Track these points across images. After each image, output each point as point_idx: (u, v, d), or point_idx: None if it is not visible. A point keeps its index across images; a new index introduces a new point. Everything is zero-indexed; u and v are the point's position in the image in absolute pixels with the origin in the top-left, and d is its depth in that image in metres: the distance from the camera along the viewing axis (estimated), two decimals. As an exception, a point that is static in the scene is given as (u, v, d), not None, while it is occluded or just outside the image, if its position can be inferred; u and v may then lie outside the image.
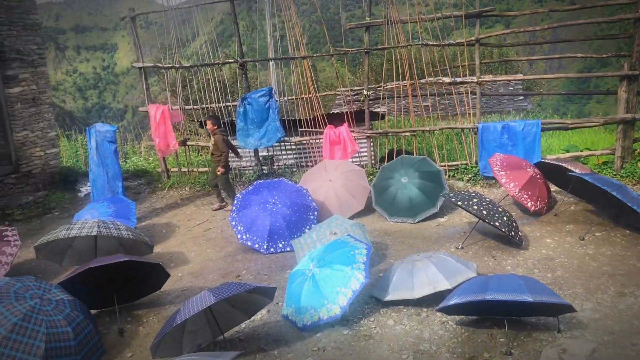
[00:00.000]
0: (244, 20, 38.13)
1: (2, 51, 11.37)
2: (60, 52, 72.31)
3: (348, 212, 9.20)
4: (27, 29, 11.91)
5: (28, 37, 11.92)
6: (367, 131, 11.50)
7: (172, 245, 9.28)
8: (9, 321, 5.34)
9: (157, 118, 11.71)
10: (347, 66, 12.38)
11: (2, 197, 11.23)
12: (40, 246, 7.60)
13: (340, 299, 5.96)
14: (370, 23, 11.07)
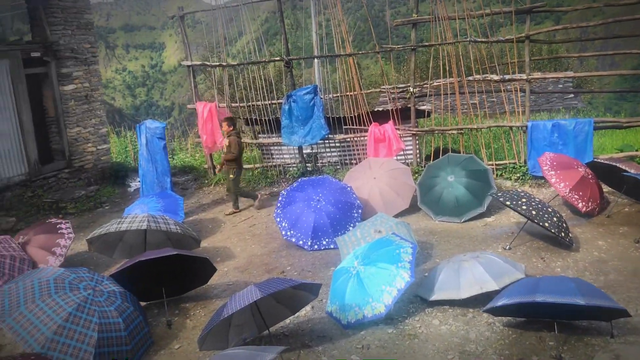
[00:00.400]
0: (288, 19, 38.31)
1: (58, 50, 11.78)
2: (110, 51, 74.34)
3: (392, 210, 9.14)
4: (81, 28, 12.30)
5: (82, 36, 12.31)
6: (413, 129, 11.39)
7: (218, 240, 9.43)
8: (64, 310, 5.53)
9: (204, 115, 11.92)
10: (392, 63, 12.27)
11: (56, 191, 11.65)
12: (92, 239, 7.85)
13: (385, 298, 5.93)
14: (418, 20, 10.96)
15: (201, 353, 5.90)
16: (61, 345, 5.36)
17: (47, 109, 12.02)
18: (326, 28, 12.01)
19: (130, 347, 5.74)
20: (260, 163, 12.84)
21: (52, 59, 11.70)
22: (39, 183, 11.39)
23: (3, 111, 10.71)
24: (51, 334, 5.35)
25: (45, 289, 5.67)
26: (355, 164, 11.40)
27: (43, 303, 5.53)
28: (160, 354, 6.03)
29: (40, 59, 11.56)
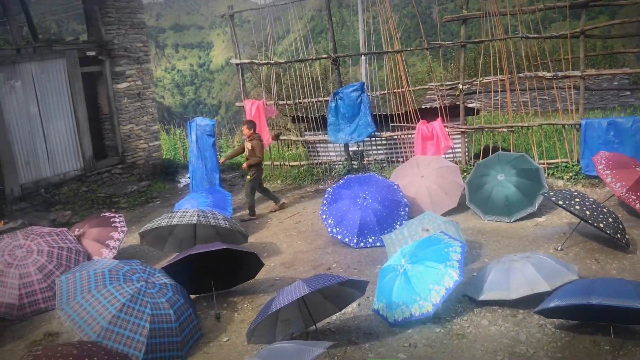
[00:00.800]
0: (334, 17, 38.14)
1: (112, 49, 12.14)
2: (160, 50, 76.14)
3: (440, 209, 9.03)
4: (134, 27, 12.64)
5: (135, 36, 12.65)
6: (462, 126, 11.22)
7: (264, 236, 9.53)
8: (118, 301, 5.71)
9: (252, 113, 12.06)
10: (440, 60, 12.12)
11: (109, 186, 12.02)
12: (144, 232, 8.06)
13: (433, 297, 5.87)
14: (468, 16, 10.78)
15: (249, 346, 5.98)
16: (115, 334, 5.54)
17: (102, 107, 12.41)
18: (372, 25, 11.96)
19: (181, 339, 5.88)
20: (306, 160, 12.91)
21: (106, 57, 12.08)
22: (94, 178, 11.78)
23: (61, 108, 11.12)
24: (106, 324, 5.53)
25: (101, 280, 5.87)
26: (402, 162, 11.31)
27: (98, 293, 5.72)
28: (209, 346, 6.14)
29: (95, 57, 11.96)
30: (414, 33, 54.87)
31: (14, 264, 7.22)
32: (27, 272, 7.18)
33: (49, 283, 7.21)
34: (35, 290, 7.15)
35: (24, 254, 7.38)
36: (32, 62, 10.58)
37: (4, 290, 7.05)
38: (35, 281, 7.18)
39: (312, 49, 12.57)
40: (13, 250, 7.42)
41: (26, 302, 7.08)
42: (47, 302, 7.14)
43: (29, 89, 10.50)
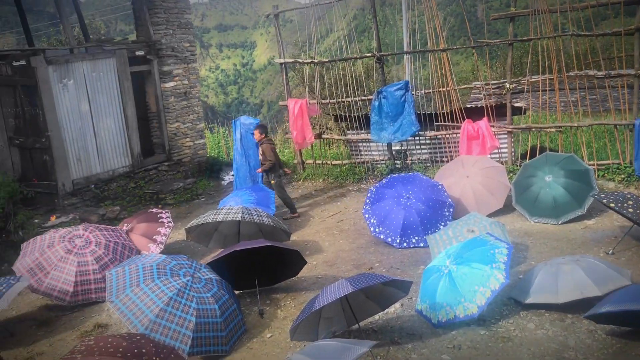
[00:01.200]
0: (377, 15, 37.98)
1: (160, 49, 12.41)
2: (204, 50, 77.36)
3: (486, 210, 8.87)
4: (181, 27, 12.89)
5: (182, 36, 12.90)
6: (509, 126, 11.01)
7: (307, 234, 9.58)
8: (165, 295, 5.84)
9: (295, 112, 12.13)
10: (487, 58, 11.91)
11: (156, 183, 12.30)
12: (190, 228, 8.22)
13: (478, 298, 5.79)
14: (516, 13, 10.57)
15: (292, 343, 6.02)
16: (162, 327, 5.67)
17: (149, 105, 12.71)
18: (416, 24, 11.86)
19: (225, 334, 5.97)
20: (348, 159, 12.90)
21: (154, 57, 12.35)
22: (141, 175, 12.08)
23: (110, 107, 11.44)
24: (154, 317, 5.67)
25: (149, 274, 6.01)
26: (447, 161, 11.19)
27: (147, 287, 5.87)
28: (253, 342, 6.22)
29: (144, 57, 12.25)
30: (458, 31, 54.04)
31: (74, 252, 7.48)
32: (85, 261, 7.43)
33: (103, 275, 7.44)
34: (89, 280, 7.40)
35: (83, 244, 7.65)
36: (84, 61, 10.92)
37: (60, 275, 7.30)
38: (91, 271, 7.42)
39: (355, 47, 12.55)
40: (73, 238, 7.70)
41: (80, 289, 7.31)
42: (99, 293, 7.37)
43: (80, 88, 10.84)
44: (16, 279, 6.89)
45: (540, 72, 10.71)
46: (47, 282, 7.23)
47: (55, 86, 10.33)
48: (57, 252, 7.44)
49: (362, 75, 15.04)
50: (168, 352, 4.84)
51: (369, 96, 12.10)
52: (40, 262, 7.35)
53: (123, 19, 59.14)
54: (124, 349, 4.58)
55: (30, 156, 10.27)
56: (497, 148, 10.77)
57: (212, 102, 62.67)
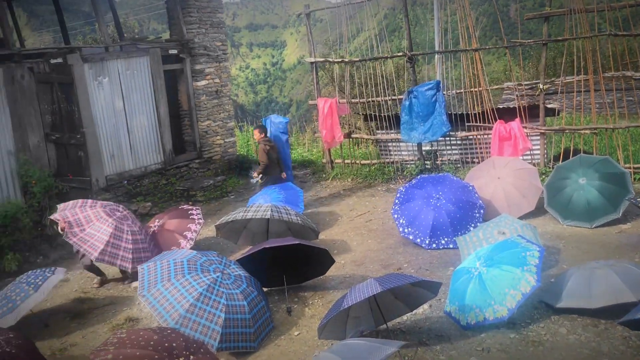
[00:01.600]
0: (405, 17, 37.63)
1: (192, 47, 12.56)
2: (235, 49, 77.96)
3: (517, 212, 8.75)
4: (214, 27, 13.02)
5: (214, 35, 13.03)
6: (541, 127, 10.83)
7: (335, 233, 9.58)
8: (195, 290, 5.92)
9: (324, 111, 12.15)
10: (520, 59, 11.73)
11: (187, 180, 12.45)
12: (220, 225, 8.31)
13: (509, 301, 5.72)
14: (551, 13, 10.39)
15: (319, 341, 6.04)
16: (192, 322, 5.75)
17: (181, 103, 12.86)
18: (447, 23, 11.76)
19: (253, 330, 6.02)
20: (377, 159, 12.86)
21: (187, 56, 12.50)
22: (173, 172, 12.24)
23: (144, 104, 11.62)
24: (184, 312, 5.75)
25: (180, 269, 6.10)
26: (478, 162, 11.07)
27: (177, 282, 5.95)
28: (281, 339, 6.25)
29: (176, 56, 12.40)
30: (490, 31, 53.34)
31: (113, 217, 7.79)
32: (121, 229, 7.75)
33: (132, 248, 7.72)
34: (120, 246, 7.66)
35: (121, 216, 7.98)
36: (118, 59, 11.12)
37: (95, 233, 7.59)
38: (124, 239, 7.73)
39: (386, 47, 12.50)
40: (114, 210, 8.02)
41: (108, 250, 7.56)
42: (123, 261, 7.66)
43: (115, 85, 11.04)
44: (52, 271, 7.07)
45: (575, 73, 10.51)
46: (81, 235, 7.51)
47: (91, 84, 10.54)
48: (98, 212, 7.79)
49: (392, 75, 14.99)
50: (198, 346, 4.90)
51: (399, 96, 12.04)
52: (79, 218, 7.67)
53: (156, 18, 60.00)
54: (155, 342, 4.66)
55: (65, 152, 10.50)
56: (529, 149, 10.61)
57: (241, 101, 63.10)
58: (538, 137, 11.02)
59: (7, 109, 9.48)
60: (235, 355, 5.97)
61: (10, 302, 6.59)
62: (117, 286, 8.17)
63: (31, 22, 55.95)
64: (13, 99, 9.55)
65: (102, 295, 7.89)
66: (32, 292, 6.62)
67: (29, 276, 6.96)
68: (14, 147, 9.58)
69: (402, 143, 12.38)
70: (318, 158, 14.78)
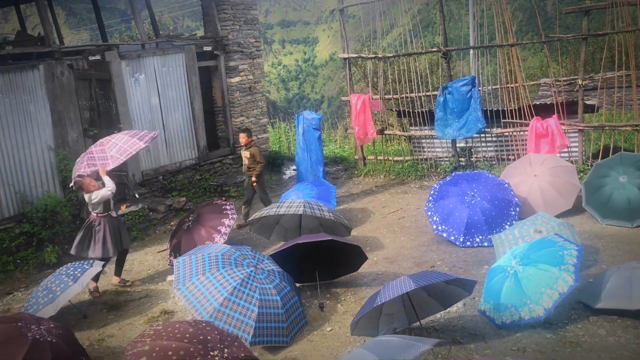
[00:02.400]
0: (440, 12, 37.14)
1: (226, 44, 12.67)
2: (267, 46, 78.33)
3: (554, 210, 8.57)
4: (248, 23, 13.11)
5: (248, 31, 13.11)
6: (580, 124, 10.58)
7: (367, 230, 9.55)
8: (229, 284, 5.98)
9: (357, 107, 12.10)
10: (558, 54, 11.48)
11: (220, 175, 12.58)
12: (253, 220, 8.36)
13: (545, 301, 5.61)
14: (591, 6, 10.15)
15: (352, 338, 6.04)
16: (226, 316, 5.81)
17: (215, 100, 12.99)
18: (482, 19, 11.58)
19: (286, 325, 6.05)
20: (410, 156, 12.77)
21: (221, 52, 12.62)
22: (207, 167, 12.38)
23: (179, 101, 11.78)
24: (218, 305, 5.81)
25: (214, 263, 6.17)
26: (513, 159, 10.88)
27: (212, 276, 6.02)
28: (313, 335, 6.27)
29: (211, 52, 12.53)
30: (526, 26, 52.34)
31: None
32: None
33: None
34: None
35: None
36: (154, 56, 11.28)
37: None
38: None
39: (421, 42, 12.38)
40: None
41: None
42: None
43: (151, 82, 11.22)
44: (90, 264, 7.22)
45: (615, 68, 10.22)
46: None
47: (128, 80, 10.73)
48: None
49: (425, 71, 14.85)
50: (232, 340, 4.95)
51: (433, 92, 11.92)
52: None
53: (190, 16, 60.73)
54: (191, 335, 4.72)
55: (103, 147, 10.72)
56: (566, 147, 10.38)
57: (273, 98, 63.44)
58: (576, 134, 10.77)
59: (47, 105, 9.72)
60: (268, 349, 6.01)
61: (51, 292, 6.77)
62: (153, 280, 8.31)
63: (69, 21, 57.32)
64: (53, 95, 9.79)
65: (138, 289, 8.04)
66: (72, 283, 6.78)
67: (68, 268, 7.13)
68: (53, 143, 9.82)
69: (436, 140, 12.25)
70: (350, 155, 14.75)
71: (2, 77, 9.09)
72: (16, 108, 9.28)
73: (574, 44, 20.46)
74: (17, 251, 9.00)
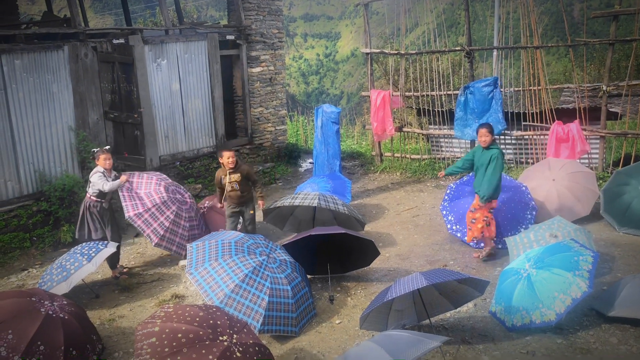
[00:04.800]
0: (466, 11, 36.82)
1: (249, 34, 12.68)
2: (289, 39, 78.28)
3: (571, 216, 8.47)
4: (272, 14, 13.10)
5: (271, 22, 13.11)
6: (602, 130, 10.44)
7: (380, 226, 9.53)
8: (241, 271, 6.01)
9: (377, 103, 12.05)
10: (584, 59, 11.31)
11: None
12: (267, 210, 8.39)
13: (557, 305, 5.56)
14: (620, 12, 9.96)
15: (360, 331, 6.04)
16: (236, 303, 5.84)
17: (236, 89, 13.02)
18: (507, 21, 11.46)
19: (296, 315, 6.07)
20: (427, 154, 12.70)
21: (243, 42, 12.63)
22: (223, 156, 12.42)
23: (199, 88, 11.82)
24: (229, 292, 5.84)
25: (227, 250, 6.19)
26: (532, 163, 10.78)
27: (224, 262, 6.05)
28: (322, 326, 6.28)
29: (233, 41, 12.55)
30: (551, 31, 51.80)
31: (176, 203, 7.99)
32: (180, 215, 7.86)
33: (188, 234, 8.00)
34: (177, 233, 7.90)
35: (181, 199, 8.19)
36: (177, 42, 11.33)
37: (159, 216, 7.76)
38: (182, 226, 7.88)
39: (444, 41, 12.28)
40: (175, 191, 8.22)
41: (167, 237, 7.79)
42: (179, 248, 7.92)
43: (173, 68, 11.27)
44: (104, 245, 7.29)
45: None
46: (145, 217, 7.67)
47: (150, 65, 10.79)
48: (162, 196, 7.90)
49: (447, 71, 14.75)
50: (241, 326, 4.98)
51: (454, 91, 11.83)
52: (146, 203, 7.78)
53: (214, 5, 60.85)
54: (201, 318, 4.76)
55: (122, 130, 10.79)
56: (587, 152, 10.25)
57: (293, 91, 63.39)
58: (597, 141, 10.64)
59: (70, 85, 9.81)
60: (277, 338, 6.03)
61: (65, 270, 6.85)
62: (165, 264, 8.36)
63: (95, 5, 57.80)
64: (76, 76, 9.88)
65: (151, 272, 8.11)
66: (86, 262, 6.86)
67: (83, 247, 7.21)
68: (74, 123, 9.92)
69: (454, 139, 12.18)
70: (367, 150, 14.71)
71: (27, 56, 9.19)
72: (39, 87, 9.38)
73: (599, 50, 20.18)
74: (34, 229, 9.12)
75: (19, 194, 9.22)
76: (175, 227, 7.87)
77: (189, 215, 8.04)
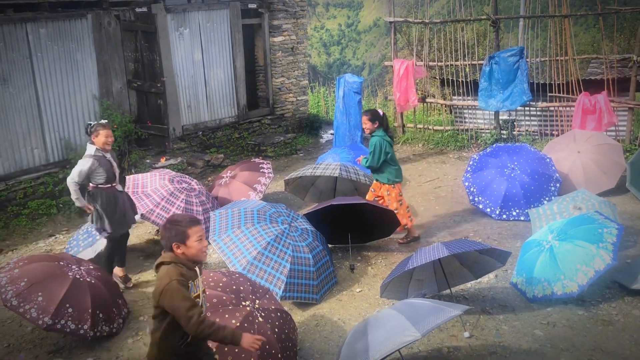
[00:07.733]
0: (493, -21, 36.02)
1: (271, 2, 12.56)
2: (311, 9, 77.37)
3: (595, 188, 8.34)
4: (294, -18, 12.96)
5: (293, -10, 12.97)
6: (631, 102, 10.21)
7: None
8: (263, 239, 6.07)
9: (400, 73, 11.91)
10: (615, 28, 11.01)
11: (258, 135, 12.66)
12: (289, 180, 8.43)
13: (580, 277, 5.53)
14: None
15: (381, 300, 6.09)
16: (258, 270, 5.92)
17: (257, 59, 12.97)
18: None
19: (317, 283, 6.14)
20: (451, 126, 12.57)
21: (265, 11, 12.53)
22: (245, 126, 12.46)
23: (221, 58, 11.80)
24: (251, 259, 5.92)
25: (250, 217, 6.26)
26: (557, 135, 10.61)
27: (247, 230, 6.12)
28: (342, 294, 6.35)
29: (255, 10, 12.45)
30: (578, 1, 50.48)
31: (184, 192, 7.88)
32: (190, 202, 7.82)
33: (203, 219, 7.82)
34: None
35: (188, 187, 8.01)
36: (200, 11, 11.28)
37: (170, 208, 7.54)
38: (195, 212, 7.81)
39: (469, 11, 12.04)
40: (180, 181, 8.11)
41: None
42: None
43: (195, 37, 11.25)
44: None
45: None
46: (157, 212, 7.69)
47: (172, 34, 10.78)
48: (168, 188, 7.86)
49: (472, 41, 14.48)
50: (263, 292, 5.06)
51: (479, 61, 11.64)
52: (154, 198, 7.79)
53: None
54: (224, 284, 4.84)
55: (145, 99, 10.86)
56: (614, 124, 10.06)
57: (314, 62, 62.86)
58: (625, 113, 10.42)
59: (94, 54, 9.87)
60: (298, 305, 6.11)
61: (90, 236, 7.00)
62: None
63: (117, -26, 57.58)
64: (100, 45, 9.93)
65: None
66: (111, 229, 6.96)
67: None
68: (98, 92, 10.01)
69: (478, 110, 12.02)
70: (390, 122, 14.58)
71: (51, 25, 9.25)
72: (64, 56, 9.46)
73: (630, 20, 19.59)
74: (60, 196, 9.28)
75: (45, 161, 9.39)
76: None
77: (200, 200, 7.86)
